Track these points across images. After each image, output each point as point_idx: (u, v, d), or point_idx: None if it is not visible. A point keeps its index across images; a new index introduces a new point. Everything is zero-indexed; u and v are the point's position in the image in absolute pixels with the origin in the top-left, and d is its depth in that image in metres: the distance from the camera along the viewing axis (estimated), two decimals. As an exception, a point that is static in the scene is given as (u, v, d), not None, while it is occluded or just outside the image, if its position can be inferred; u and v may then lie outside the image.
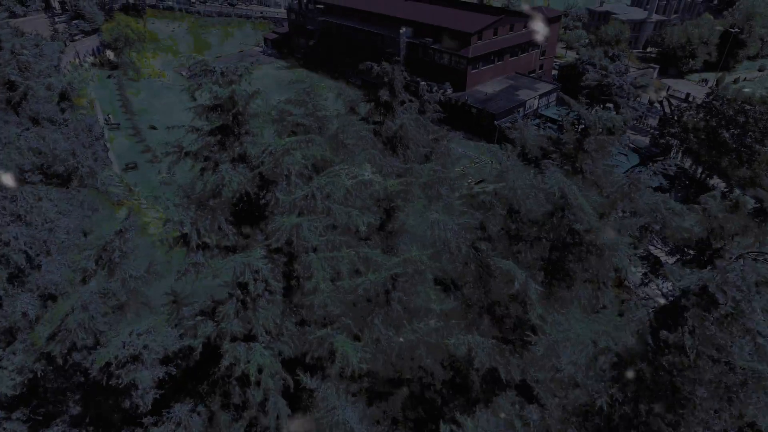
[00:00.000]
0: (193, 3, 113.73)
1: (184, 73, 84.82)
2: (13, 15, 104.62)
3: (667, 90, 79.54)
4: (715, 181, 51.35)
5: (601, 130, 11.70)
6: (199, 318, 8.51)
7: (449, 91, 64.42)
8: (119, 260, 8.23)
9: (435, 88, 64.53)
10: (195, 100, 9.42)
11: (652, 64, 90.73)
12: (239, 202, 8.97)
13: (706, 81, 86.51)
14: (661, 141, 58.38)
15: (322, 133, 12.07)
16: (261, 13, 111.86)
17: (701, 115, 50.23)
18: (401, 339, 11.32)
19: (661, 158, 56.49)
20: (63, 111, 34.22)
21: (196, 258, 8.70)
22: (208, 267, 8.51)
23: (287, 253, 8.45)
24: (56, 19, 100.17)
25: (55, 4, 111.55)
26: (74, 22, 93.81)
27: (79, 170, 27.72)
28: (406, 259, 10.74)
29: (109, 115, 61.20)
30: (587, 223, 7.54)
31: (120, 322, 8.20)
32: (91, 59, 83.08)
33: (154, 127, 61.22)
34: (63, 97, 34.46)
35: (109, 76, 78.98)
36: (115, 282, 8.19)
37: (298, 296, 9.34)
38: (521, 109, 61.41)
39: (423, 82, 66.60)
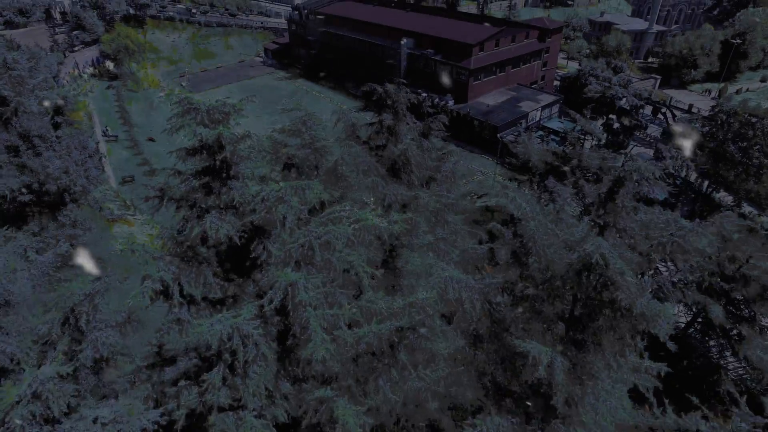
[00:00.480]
0: (193, 13, 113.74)
1: (184, 84, 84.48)
2: (14, 26, 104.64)
3: (669, 101, 78.90)
4: (722, 194, 50.46)
5: (637, 180, 10.73)
6: (182, 383, 7.59)
7: (451, 102, 63.81)
8: (86, 328, 7.26)
9: (436, 100, 63.92)
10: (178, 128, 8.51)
11: (653, 75, 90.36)
12: (228, 250, 8.11)
13: (709, 91, 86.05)
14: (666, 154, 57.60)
15: (320, 166, 11.23)
16: (262, 23, 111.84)
17: (707, 128, 49.52)
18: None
19: (665, 170, 55.72)
20: (57, 126, 33.49)
21: (180, 314, 7.80)
22: (192, 326, 7.60)
23: (281, 306, 7.57)
24: (56, 30, 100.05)
25: (56, 15, 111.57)
26: (74, 32, 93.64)
27: (72, 189, 26.89)
28: (412, 303, 9.85)
29: (107, 128, 60.56)
30: (628, 292, 6.69)
31: (87, 398, 7.25)
32: (90, 70, 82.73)
33: (152, 140, 60.53)
34: (57, 111, 33.71)
35: (108, 87, 78.54)
36: (84, 351, 7.26)
37: (294, 348, 8.45)
38: (524, 121, 60.73)
39: (424, 94, 66.03)
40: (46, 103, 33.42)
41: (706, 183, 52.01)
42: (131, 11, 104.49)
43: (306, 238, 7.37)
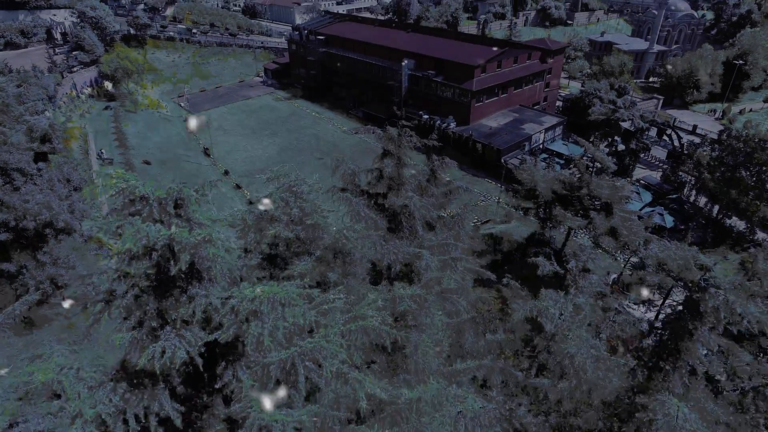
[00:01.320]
0: (194, 33, 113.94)
1: (182, 104, 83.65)
2: (15, 46, 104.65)
3: (673, 121, 77.91)
4: (734, 221, 48.78)
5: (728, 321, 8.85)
6: None
7: (452, 124, 62.64)
8: None
9: (438, 122, 62.80)
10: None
11: (655, 95, 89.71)
12: (189, 367, 6.53)
13: (714, 111, 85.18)
14: (673, 177, 56.22)
15: (314, 245, 9.65)
16: (262, 43, 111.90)
17: (716, 152, 48.13)
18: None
19: (674, 195, 54.16)
20: (43, 156, 32.14)
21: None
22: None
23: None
24: (57, 51, 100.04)
25: (57, 36, 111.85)
26: (74, 53, 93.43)
27: (55, 225, 25.31)
28: (420, 398, 8.17)
29: (102, 150, 59.28)
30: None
31: None
32: (88, 90, 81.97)
33: (148, 162, 59.27)
34: (44, 139, 32.34)
35: (106, 108, 77.61)
36: None
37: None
38: (527, 144, 59.48)
39: (425, 116, 64.97)
40: (35, 129, 32.07)
41: (716, 208, 50.44)
42: (132, 31, 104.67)
43: (288, 354, 5.79)
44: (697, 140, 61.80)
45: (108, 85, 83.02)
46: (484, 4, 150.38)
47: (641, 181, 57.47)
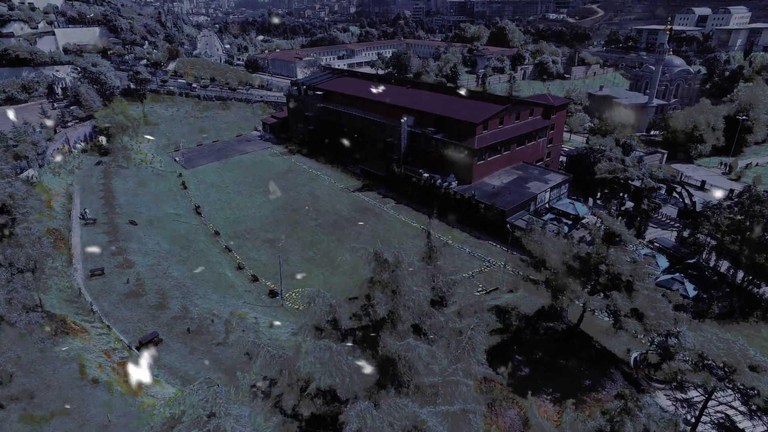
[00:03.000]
0: (193, 87, 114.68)
1: (177, 159, 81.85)
2: (16, 101, 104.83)
3: (681, 176, 75.73)
4: (764, 289, 44.83)
5: None
6: None
7: (454, 183, 60.02)
8: None
9: (439, 181, 60.23)
10: None
11: (659, 149, 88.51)
12: None
13: (723, 164, 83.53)
14: (690, 239, 52.84)
15: None
16: (261, 97, 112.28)
17: (737, 214, 44.99)
18: None
19: (693, 259, 50.48)
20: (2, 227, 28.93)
21: None
22: None
23: None
24: (55, 105, 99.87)
25: (59, 91, 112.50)
26: (71, 108, 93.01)
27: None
28: None
29: (86, 210, 56.31)
30: None
31: None
32: (81, 145, 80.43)
33: (133, 223, 56.10)
34: (2, 210, 29.26)
35: (97, 163, 75.63)
36: None
37: None
38: (532, 204, 56.57)
39: (426, 174, 62.56)
40: None
41: (741, 273, 46.59)
42: (132, 86, 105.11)
43: None
44: (708, 197, 58.98)
45: (102, 139, 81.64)
46: (482, 58, 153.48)
47: (655, 243, 54.05)
